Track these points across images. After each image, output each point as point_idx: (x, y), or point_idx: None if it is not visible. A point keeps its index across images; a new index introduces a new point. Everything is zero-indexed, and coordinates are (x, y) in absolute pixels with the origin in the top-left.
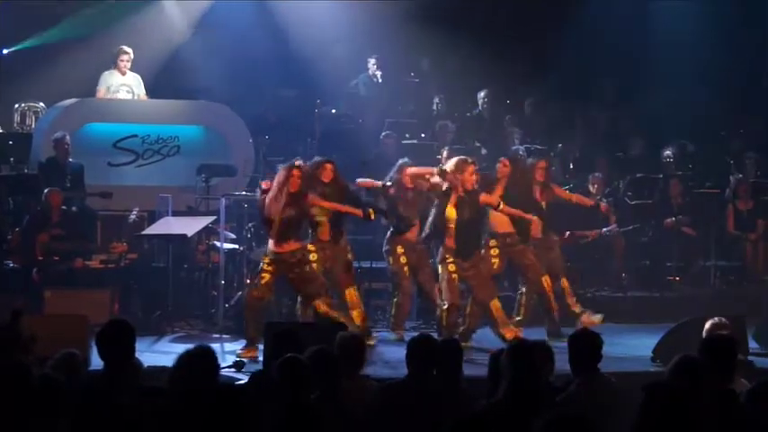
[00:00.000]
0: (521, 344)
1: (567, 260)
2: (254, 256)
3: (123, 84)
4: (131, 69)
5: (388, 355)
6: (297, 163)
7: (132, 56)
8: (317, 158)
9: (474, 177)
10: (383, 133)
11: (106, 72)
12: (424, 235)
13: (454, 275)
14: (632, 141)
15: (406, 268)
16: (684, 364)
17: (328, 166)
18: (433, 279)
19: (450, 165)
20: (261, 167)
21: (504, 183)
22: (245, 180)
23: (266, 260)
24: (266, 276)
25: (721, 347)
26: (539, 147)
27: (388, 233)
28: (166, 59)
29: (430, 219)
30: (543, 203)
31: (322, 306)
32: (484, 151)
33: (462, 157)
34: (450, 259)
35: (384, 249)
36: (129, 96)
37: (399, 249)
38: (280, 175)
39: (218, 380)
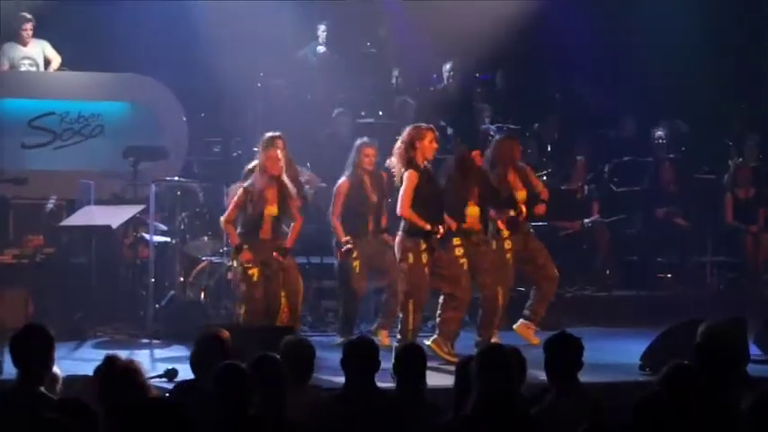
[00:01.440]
0: (493, 349)
1: None
2: (188, 251)
3: (25, 57)
4: (34, 36)
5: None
6: None
7: (34, 22)
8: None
9: (434, 146)
10: (336, 111)
11: (6, 44)
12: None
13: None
14: (619, 120)
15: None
16: (677, 373)
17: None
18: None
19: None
20: (196, 149)
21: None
22: (178, 164)
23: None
24: None
25: (719, 354)
26: (512, 126)
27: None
28: (89, 28)
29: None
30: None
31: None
32: (450, 131)
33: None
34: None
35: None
36: (33, 70)
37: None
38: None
39: (149, 393)
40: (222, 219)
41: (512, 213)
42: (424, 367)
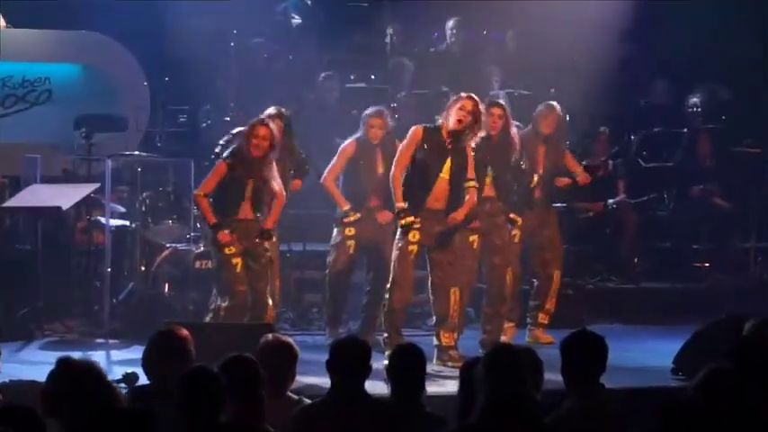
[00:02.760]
0: (502, 348)
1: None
2: (150, 236)
3: None
4: None
5: None
6: None
7: None
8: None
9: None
10: (322, 74)
11: None
12: None
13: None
14: (648, 85)
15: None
16: (715, 377)
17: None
18: None
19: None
20: (159, 119)
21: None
22: (138, 136)
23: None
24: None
25: (763, 355)
26: (524, 92)
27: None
28: None
29: None
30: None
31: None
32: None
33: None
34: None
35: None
36: None
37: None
38: None
39: (116, 400)
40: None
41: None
42: (423, 371)
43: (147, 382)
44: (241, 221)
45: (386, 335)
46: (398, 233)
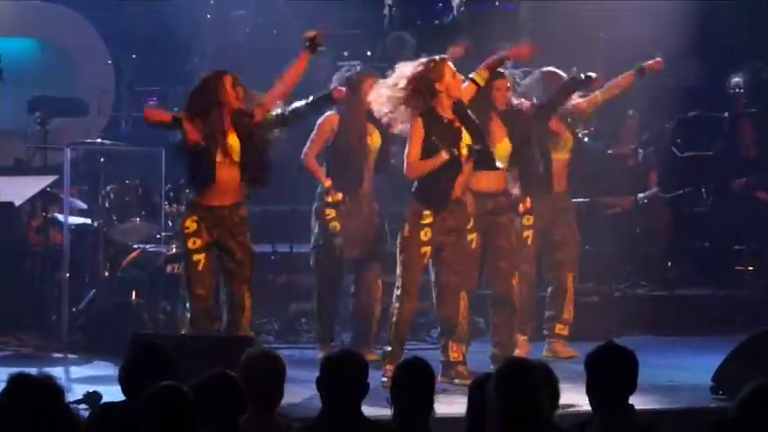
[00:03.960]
0: (514, 363)
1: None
2: (115, 236)
3: None
4: None
5: None
6: None
7: None
8: None
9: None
10: None
11: None
12: None
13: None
14: (683, 63)
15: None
16: (760, 396)
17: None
18: None
19: None
20: (125, 102)
21: None
22: (101, 121)
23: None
24: None
25: None
26: (543, 70)
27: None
28: None
29: None
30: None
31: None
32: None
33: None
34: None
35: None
36: None
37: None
38: None
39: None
40: None
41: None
42: (432, 390)
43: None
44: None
45: (387, 348)
46: (406, 229)
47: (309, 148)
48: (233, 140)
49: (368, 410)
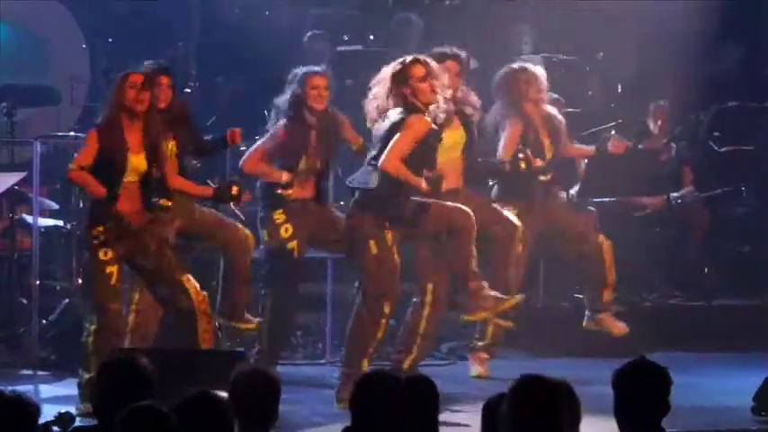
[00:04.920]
0: (530, 382)
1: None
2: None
3: None
4: None
5: None
6: None
7: None
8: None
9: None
10: (308, 34)
11: None
12: None
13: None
14: (721, 48)
15: None
16: None
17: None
18: None
19: None
20: (101, 91)
21: None
22: (74, 112)
23: None
24: None
25: None
26: (564, 57)
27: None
28: None
29: None
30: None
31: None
32: (474, 63)
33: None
34: None
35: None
36: None
37: None
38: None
39: None
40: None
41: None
42: (436, 410)
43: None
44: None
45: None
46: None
47: (251, 156)
48: None
49: None
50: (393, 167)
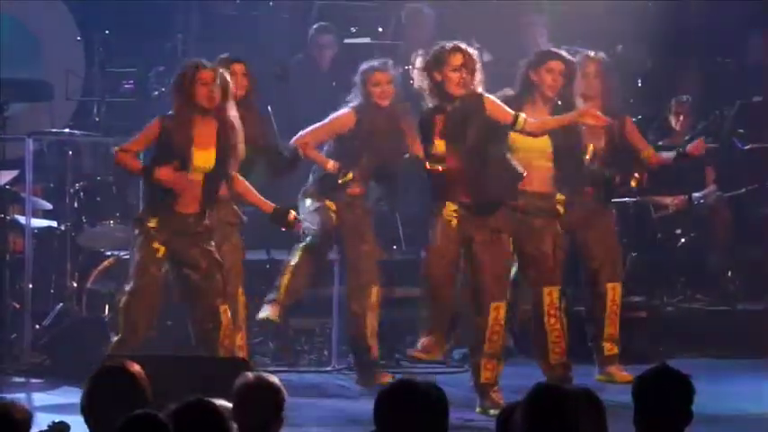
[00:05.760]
0: (545, 391)
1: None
2: (84, 242)
3: None
4: None
5: None
6: None
7: None
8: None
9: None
10: (314, 26)
11: None
12: None
13: None
14: (744, 40)
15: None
16: None
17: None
18: None
19: None
20: (97, 85)
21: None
22: (68, 107)
23: None
24: None
25: None
26: (581, 50)
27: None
28: None
29: None
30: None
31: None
32: (488, 57)
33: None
34: None
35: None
36: None
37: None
38: None
39: None
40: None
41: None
42: (446, 419)
43: None
44: (176, 216)
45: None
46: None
47: (308, 135)
48: None
49: None
50: None
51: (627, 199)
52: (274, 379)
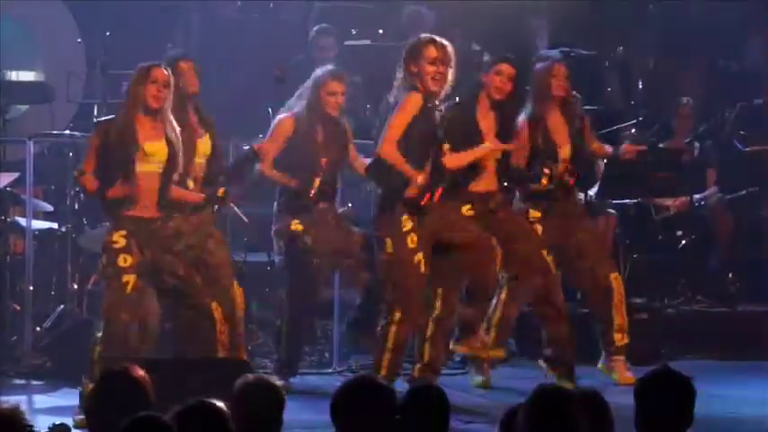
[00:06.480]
0: (547, 393)
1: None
2: (85, 244)
3: None
4: None
5: None
6: None
7: None
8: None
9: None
10: (314, 28)
11: None
12: None
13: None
14: (745, 43)
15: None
16: None
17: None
18: None
19: None
20: (97, 87)
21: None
22: (69, 109)
23: None
24: None
25: None
26: (583, 51)
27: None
28: None
29: None
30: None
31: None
32: (487, 57)
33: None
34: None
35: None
36: None
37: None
38: None
39: None
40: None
41: (543, 182)
42: (447, 421)
43: None
44: (141, 223)
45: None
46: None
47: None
48: None
49: None
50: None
51: (626, 201)
52: (275, 380)
